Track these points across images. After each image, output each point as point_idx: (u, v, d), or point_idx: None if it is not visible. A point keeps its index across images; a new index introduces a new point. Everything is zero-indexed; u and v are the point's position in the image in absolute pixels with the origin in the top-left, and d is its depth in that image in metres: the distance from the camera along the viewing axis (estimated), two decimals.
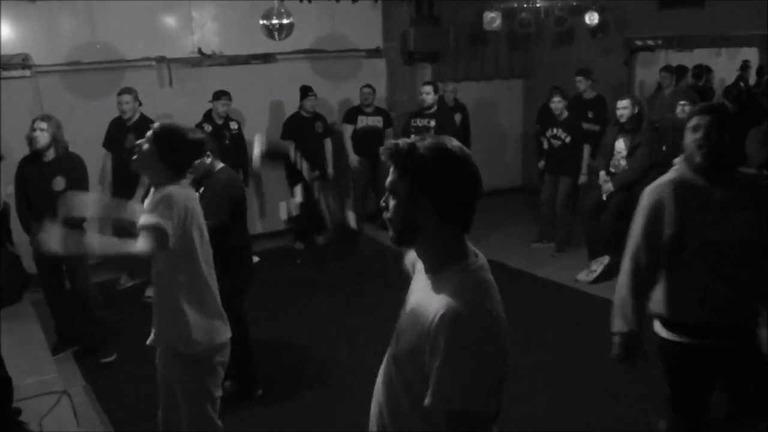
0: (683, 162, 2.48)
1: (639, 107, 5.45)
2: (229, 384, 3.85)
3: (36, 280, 5.05)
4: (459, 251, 1.52)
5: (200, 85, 6.38)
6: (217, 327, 2.67)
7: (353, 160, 7.02)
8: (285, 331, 4.84)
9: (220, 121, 6.09)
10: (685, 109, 4.82)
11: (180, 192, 2.53)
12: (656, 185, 2.49)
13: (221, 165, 3.61)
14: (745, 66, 7.86)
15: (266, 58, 6.76)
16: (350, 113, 7.08)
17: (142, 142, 2.55)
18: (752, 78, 7.70)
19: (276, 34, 5.76)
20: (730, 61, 8.06)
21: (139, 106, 5.58)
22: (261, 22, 5.79)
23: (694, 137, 2.39)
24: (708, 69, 7.80)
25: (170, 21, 6.46)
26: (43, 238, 2.45)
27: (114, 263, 2.45)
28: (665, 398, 2.63)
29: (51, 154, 4.23)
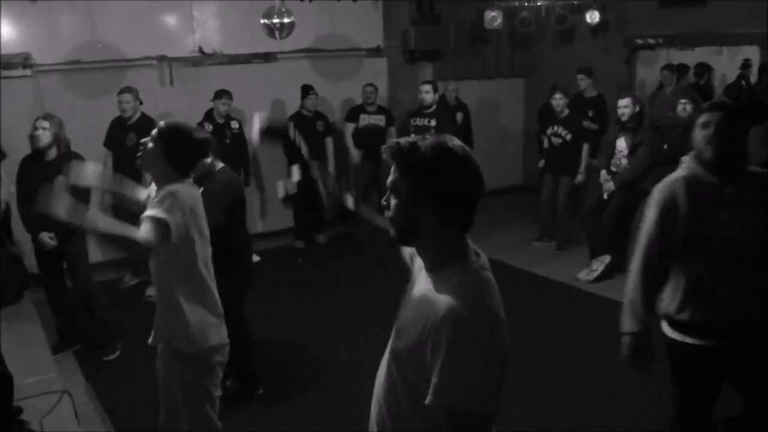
0: (693, 159, 2.43)
1: (640, 106, 5.45)
2: (230, 383, 3.85)
3: (37, 279, 5.06)
4: (460, 250, 1.52)
5: (201, 85, 6.37)
6: (217, 327, 2.67)
7: (354, 155, 7.01)
8: (285, 331, 4.84)
9: (221, 121, 6.10)
10: (686, 108, 4.81)
11: (186, 191, 2.52)
12: (667, 182, 2.45)
13: (221, 165, 3.61)
14: (746, 64, 7.85)
15: (267, 57, 6.76)
16: (352, 111, 7.08)
17: (147, 141, 2.53)
18: (753, 76, 7.69)
19: (277, 33, 5.76)
20: (731, 60, 8.04)
21: (140, 106, 5.58)
22: (262, 21, 5.79)
23: (705, 133, 2.35)
24: (709, 67, 7.79)
25: (171, 20, 6.46)
26: (49, 204, 2.32)
27: (114, 247, 2.39)
28: (673, 398, 2.59)
29: (53, 153, 4.25)
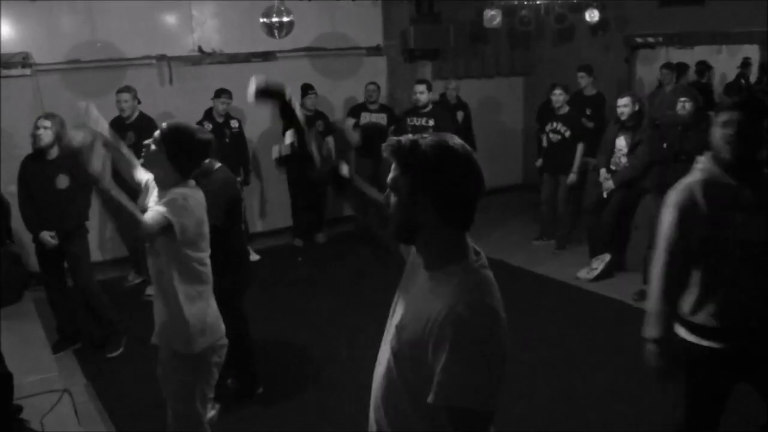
0: (710, 159, 2.38)
1: (639, 104, 5.45)
2: (230, 383, 3.85)
3: (37, 278, 5.06)
4: (460, 249, 1.51)
5: (200, 84, 6.37)
6: (215, 327, 2.67)
7: (353, 138, 6.87)
8: (285, 331, 4.84)
9: (221, 120, 6.09)
10: (686, 106, 4.79)
11: (194, 197, 2.54)
12: (684, 184, 2.39)
13: (218, 164, 3.60)
14: (746, 63, 7.85)
15: (266, 56, 6.74)
16: (354, 109, 7.10)
17: (150, 143, 2.53)
18: (753, 75, 7.70)
19: (276, 32, 5.76)
20: (731, 58, 8.04)
21: (138, 105, 5.59)
22: (261, 20, 5.79)
23: (724, 133, 2.29)
24: (708, 66, 7.79)
25: (170, 19, 6.45)
26: (70, 134, 2.32)
27: (121, 219, 2.37)
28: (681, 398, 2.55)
29: (54, 152, 4.26)
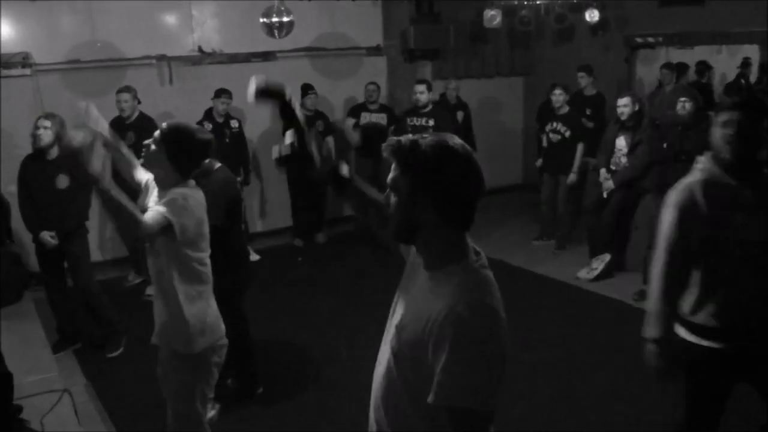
0: (710, 159, 2.37)
1: (639, 104, 5.45)
2: (230, 383, 3.85)
3: (37, 278, 5.06)
4: (460, 249, 1.51)
5: (200, 84, 6.37)
6: (215, 327, 2.67)
7: (353, 138, 6.89)
8: (285, 331, 4.84)
9: (221, 120, 6.09)
10: (686, 106, 4.78)
11: (194, 197, 2.54)
12: (684, 185, 2.39)
13: (218, 164, 3.60)
14: (746, 63, 7.85)
15: (266, 57, 6.74)
16: (355, 109, 7.11)
17: (150, 143, 2.53)
18: (753, 75, 7.70)
19: (276, 32, 5.76)
20: (731, 58, 8.04)
21: (138, 105, 5.59)
22: (261, 20, 5.78)
23: (724, 133, 2.29)
24: (708, 66, 7.78)
25: (170, 19, 6.45)
26: (70, 134, 2.30)
27: (121, 218, 2.37)
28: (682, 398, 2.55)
29: (54, 152, 4.26)
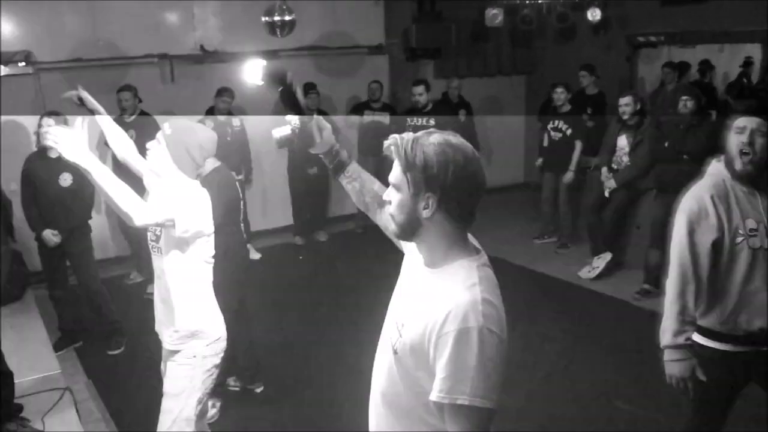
0: (723, 166, 2.36)
1: (641, 104, 5.46)
2: (231, 381, 3.86)
3: (39, 277, 5.06)
4: (461, 247, 1.51)
5: (202, 83, 6.38)
6: (215, 327, 2.67)
7: (351, 122, 7.06)
8: (285, 329, 4.84)
9: (222, 118, 6.09)
10: (687, 105, 4.78)
11: (197, 197, 2.54)
12: (695, 191, 2.39)
13: (218, 163, 3.61)
14: (748, 62, 7.83)
15: (268, 55, 6.75)
16: (357, 107, 7.13)
17: (154, 142, 2.54)
18: (755, 74, 7.68)
19: (278, 31, 5.75)
20: (733, 58, 8.02)
21: (139, 103, 5.60)
22: (263, 19, 5.78)
23: (739, 140, 2.27)
24: (710, 65, 7.77)
25: (172, 18, 6.46)
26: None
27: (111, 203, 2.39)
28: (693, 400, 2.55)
29: (58, 151, 4.25)
